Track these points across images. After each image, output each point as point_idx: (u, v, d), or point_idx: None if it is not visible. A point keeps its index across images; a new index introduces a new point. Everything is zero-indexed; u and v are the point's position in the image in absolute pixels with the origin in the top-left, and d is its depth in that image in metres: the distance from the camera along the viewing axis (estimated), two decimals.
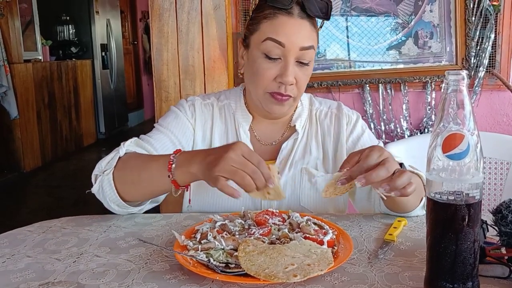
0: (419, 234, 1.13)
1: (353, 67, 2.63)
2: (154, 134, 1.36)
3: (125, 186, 1.20)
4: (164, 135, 1.36)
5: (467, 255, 0.76)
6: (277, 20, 1.23)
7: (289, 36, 1.22)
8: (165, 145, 1.34)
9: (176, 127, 1.38)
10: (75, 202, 4.50)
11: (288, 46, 1.22)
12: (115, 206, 1.23)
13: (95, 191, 1.23)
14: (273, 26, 1.23)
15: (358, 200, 1.38)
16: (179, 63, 2.46)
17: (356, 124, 1.42)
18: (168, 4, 2.43)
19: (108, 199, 1.21)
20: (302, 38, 1.23)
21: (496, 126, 2.58)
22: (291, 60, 1.23)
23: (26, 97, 5.81)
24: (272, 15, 1.23)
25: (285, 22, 1.22)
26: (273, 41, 1.22)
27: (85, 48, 7.66)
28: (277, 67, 1.24)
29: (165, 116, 1.42)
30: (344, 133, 1.40)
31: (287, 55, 1.23)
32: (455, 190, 0.76)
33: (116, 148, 1.26)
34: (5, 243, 1.14)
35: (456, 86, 0.77)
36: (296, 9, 1.23)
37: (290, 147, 1.38)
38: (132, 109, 9.33)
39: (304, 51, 1.24)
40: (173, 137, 1.36)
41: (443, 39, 2.54)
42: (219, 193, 1.19)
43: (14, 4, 5.73)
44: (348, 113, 1.43)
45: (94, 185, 1.22)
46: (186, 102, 1.43)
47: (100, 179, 1.21)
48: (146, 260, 1.01)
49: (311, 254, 0.92)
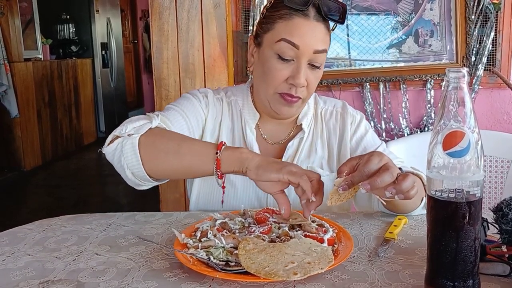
0: (420, 232, 1.12)
1: (354, 65, 2.63)
2: (170, 114, 1.30)
3: (155, 156, 1.12)
4: (181, 116, 1.30)
5: (467, 253, 0.76)
6: (293, 21, 1.21)
7: (304, 38, 1.21)
8: (181, 127, 1.29)
9: (191, 111, 1.34)
10: (75, 202, 4.50)
11: (302, 48, 1.21)
12: (129, 174, 1.13)
13: (109, 150, 1.14)
14: (288, 27, 1.22)
15: (358, 198, 1.39)
16: (179, 62, 2.46)
17: (360, 124, 1.42)
18: (168, 3, 2.43)
19: (126, 164, 1.12)
20: (317, 41, 1.22)
21: (497, 124, 2.58)
22: (304, 62, 1.22)
23: (26, 96, 5.81)
24: (288, 16, 1.22)
25: (300, 24, 1.21)
26: (287, 42, 1.21)
27: (85, 47, 7.65)
28: (289, 68, 1.23)
29: (178, 100, 1.37)
30: (349, 132, 1.40)
31: (301, 57, 1.22)
32: (456, 187, 0.76)
33: (141, 116, 1.20)
34: (5, 241, 1.14)
35: (456, 83, 0.76)
36: (312, 11, 1.21)
37: (296, 146, 1.38)
38: (132, 108, 9.33)
39: (317, 54, 1.23)
40: (188, 121, 1.31)
41: (444, 38, 2.54)
42: (236, 180, 1.28)
43: (14, 3, 5.73)
44: (353, 112, 1.43)
45: (110, 144, 1.14)
46: (200, 92, 1.40)
47: (121, 140, 1.12)
48: (146, 258, 1.01)
49: (311, 252, 0.92)
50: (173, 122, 1.27)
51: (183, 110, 1.32)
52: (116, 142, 1.13)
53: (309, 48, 1.21)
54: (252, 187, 1.34)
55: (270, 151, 1.39)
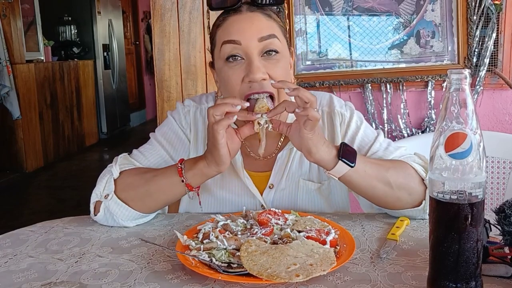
0: (422, 234, 1.12)
1: (355, 66, 2.62)
2: (146, 150, 1.33)
3: (136, 202, 1.21)
4: (156, 151, 1.33)
5: (470, 255, 0.76)
6: (227, 22, 1.19)
7: (242, 32, 1.16)
8: (156, 161, 1.32)
9: (169, 142, 1.34)
10: (77, 203, 4.50)
11: (244, 41, 1.15)
12: (129, 222, 1.22)
13: (100, 218, 1.22)
14: (225, 30, 1.19)
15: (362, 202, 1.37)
16: (181, 63, 2.46)
17: (350, 122, 1.32)
18: (169, 4, 2.43)
19: (120, 219, 1.21)
20: (257, 29, 1.16)
21: (499, 125, 2.58)
22: (254, 55, 1.15)
23: (28, 98, 5.83)
24: (222, 20, 1.20)
25: (235, 21, 1.18)
26: (227, 42, 1.17)
27: (87, 49, 7.67)
28: (241, 67, 1.17)
29: (161, 127, 1.38)
30: (339, 134, 1.32)
31: (247, 51, 1.16)
32: (458, 189, 0.76)
33: (104, 171, 1.26)
34: (8, 243, 1.14)
35: (458, 85, 0.76)
36: (245, 6, 1.19)
37: (285, 158, 1.32)
38: (134, 109, 9.35)
39: (265, 42, 1.16)
40: (165, 155, 1.33)
41: (445, 38, 2.53)
42: (225, 195, 1.28)
43: (17, 5, 5.75)
44: (341, 110, 1.33)
45: (98, 213, 1.22)
46: (183, 108, 1.37)
47: (104, 205, 1.20)
48: (148, 260, 1.02)
49: (313, 254, 0.92)
50: (146, 160, 1.31)
51: (161, 143, 1.34)
52: (101, 209, 1.21)
53: (251, 38, 1.16)
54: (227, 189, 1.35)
55: (259, 164, 1.33)
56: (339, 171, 1.12)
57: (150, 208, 1.24)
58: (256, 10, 1.19)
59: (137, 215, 1.22)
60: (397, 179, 1.16)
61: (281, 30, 1.23)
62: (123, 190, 1.21)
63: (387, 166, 1.19)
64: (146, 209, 1.23)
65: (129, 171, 1.25)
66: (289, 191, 1.33)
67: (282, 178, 1.32)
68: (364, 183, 1.15)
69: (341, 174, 1.12)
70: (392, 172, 1.17)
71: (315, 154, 1.10)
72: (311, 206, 1.33)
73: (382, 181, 1.16)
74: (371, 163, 1.18)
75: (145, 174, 1.23)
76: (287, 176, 1.32)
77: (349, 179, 1.14)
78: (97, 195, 1.22)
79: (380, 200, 1.20)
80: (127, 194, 1.21)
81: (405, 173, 1.19)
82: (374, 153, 1.28)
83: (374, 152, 1.28)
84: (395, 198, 1.18)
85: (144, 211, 1.22)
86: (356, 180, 1.14)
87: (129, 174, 1.24)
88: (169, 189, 1.19)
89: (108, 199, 1.20)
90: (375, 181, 1.15)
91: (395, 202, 1.19)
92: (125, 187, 1.21)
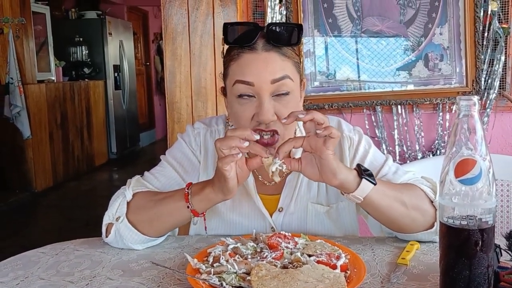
0: (432, 258, 1.12)
1: (363, 88, 2.64)
2: (158, 172, 1.36)
3: (144, 225, 1.22)
4: (168, 173, 1.36)
5: (481, 281, 0.76)
6: (242, 59, 1.17)
7: (256, 74, 1.15)
8: (168, 183, 1.34)
9: (180, 164, 1.37)
10: (86, 222, 4.52)
11: (257, 83, 1.15)
12: (138, 246, 1.24)
13: (110, 240, 1.24)
14: (239, 67, 1.18)
15: (371, 219, 1.36)
16: (192, 85, 2.49)
17: (359, 146, 1.34)
18: (181, 28, 2.47)
19: (129, 242, 1.23)
20: (271, 71, 1.15)
21: (508, 147, 2.57)
22: (265, 97, 1.15)
23: (39, 117, 5.89)
24: (237, 56, 1.18)
25: (250, 60, 1.17)
26: (241, 82, 1.16)
27: (98, 69, 7.75)
28: (252, 105, 1.17)
29: (172, 149, 1.41)
30: (347, 158, 1.33)
31: (259, 92, 1.15)
32: (468, 214, 0.76)
33: (117, 193, 1.28)
34: (19, 265, 1.15)
35: (467, 111, 0.77)
36: (261, 43, 1.17)
37: (294, 181, 1.33)
38: (144, 129, 9.40)
39: (278, 83, 1.16)
40: (176, 176, 1.35)
41: (453, 61, 2.54)
42: (235, 218, 1.30)
43: (29, 26, 5.85)
44: (349, 134, 1.35)
45: (109, 235, 1.24)
46: (193, 130, 1.40)
47: (115, 227, 1.23)
48: (159, 283, 1.02)
49: (324, 278, 0.92)
50: (158, 182, 1.34)
51: (172, 164, 1.37)
52: (113, 231, 1.23)
53: (264, 81, 1.15)
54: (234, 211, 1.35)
55: (268, 188, 1.34)
56: (364, 190, 1.10)
57: (158, 231, 1.25)
58: (271, 49, 1.18)
59: (145, 239, 1.23)
60: (410, 200, 1.16)
61: (295, 67, 1.22)
62: (133, 213, 1.23)
63: (400, 187, 1.20)
64: (153, 232, 1.24)
65: (141, 193, 1.27)
66: (298, 215, 1.33)
67: (291, 201, 1.33)
68: (384, 203, 1.14)
69: (366, 193, 1.10)
70: (405, 192, 1.18)
71: (340, 175, 1.08)
72: (321, 229, 1.33)
73: (399, 201, 1.15)
74: (387, 184, 1.18)
75: (154, 196, 1.24)
76: (296, 200, 1.33)
77: (371, 200, 1.12)
78: (109, 217, 1.24)
79: (397, 221, 1.19)
80: (137, 217, 1.22)
81: (416, 194, 1.19)
82: (383, 176, 1.28)
83: (383, 175, 1.28)
84: (410, 220, 1.18)
85: (151, 235, 1.23)
86: (377, 201, 1.13)
87: (141, 196, 1.26)
88: (176, 213, 1.20)
89: (119, 221, 1.22)
90: (393, 201, 1.15)
91: (411, 224, 1.19)
92: (136, 209, 1.23)
